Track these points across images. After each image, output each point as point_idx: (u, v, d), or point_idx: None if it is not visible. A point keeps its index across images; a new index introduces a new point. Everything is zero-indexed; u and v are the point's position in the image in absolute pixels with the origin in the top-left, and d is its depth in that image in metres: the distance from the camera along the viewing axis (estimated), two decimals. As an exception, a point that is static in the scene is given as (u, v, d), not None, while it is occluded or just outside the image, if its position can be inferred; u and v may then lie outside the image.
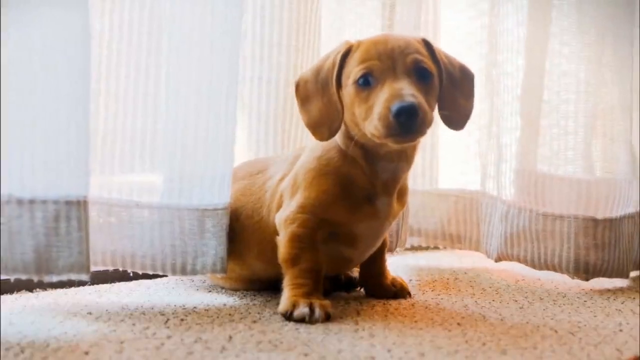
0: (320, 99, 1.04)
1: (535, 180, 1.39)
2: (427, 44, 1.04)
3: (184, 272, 1.09)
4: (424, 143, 1.53)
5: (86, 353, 0.81)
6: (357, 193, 1.05)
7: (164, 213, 1.08)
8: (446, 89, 1.04)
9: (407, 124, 0.93)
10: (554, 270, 1.36)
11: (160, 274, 1.11)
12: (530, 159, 1.39)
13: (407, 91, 0.95)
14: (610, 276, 1.34)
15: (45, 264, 0.93)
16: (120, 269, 1.10)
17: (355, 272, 1.24)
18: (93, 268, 1.14)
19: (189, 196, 1.08)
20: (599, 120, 1.39)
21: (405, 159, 1.06)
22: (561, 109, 1.38)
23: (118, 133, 1.08)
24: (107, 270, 1.20)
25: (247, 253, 1.13)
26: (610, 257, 1.33)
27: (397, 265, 1.48)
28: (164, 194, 1.09)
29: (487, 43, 1.49)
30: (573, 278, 1.35)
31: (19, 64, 0.91)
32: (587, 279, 1.34)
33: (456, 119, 1.07)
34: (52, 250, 0.93)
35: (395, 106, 0.93)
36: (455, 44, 1.55)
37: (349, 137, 1.04)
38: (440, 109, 1.05)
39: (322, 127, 1.04)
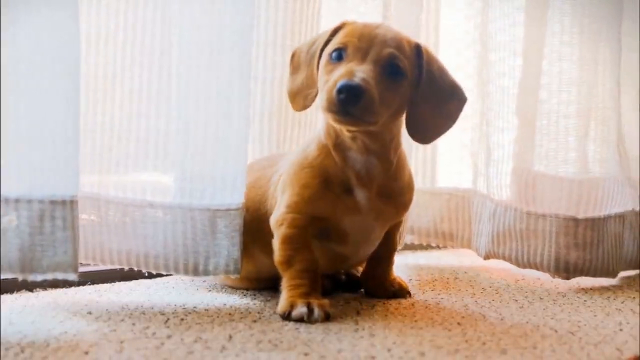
0: (305, 69, 1.06)
1: (528, 179, 1.38)
2: (418, 49, 1.03)
3: (196, 272, 1.09)
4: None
5: (86, 353, 0.81)
6: (335, 185, 1.04)
7: (176, 213, 1.08)
8: (422, 98, 1.03)
9: (347, 103, 0.93)
10: (536, 269, 1.35)
11: (174, 274, 1.11)
12: (527, 158, 1.39)
13: (360, 74, 0.95)
14: (594, 275, 1.33)
15: (29, 263, 0.92)
16: (135, 269, 1.10)
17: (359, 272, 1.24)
18: (108, 267, 1.15)
19: (201, 196, 1.08)
20: (591, 120, 1.39)
21: (374, 154, 1.04)
22: (554, 108, 1.37)
23: (132, 133, 1.09)
24: (107, 269, 1.20)
25: (253, 245, 1.13)
26: (593, 256, 1.32)
27: (396, 265, 1.46)
28: (176, 194, 1.09)
29: (479, 42, 1.49)
30: (554, 277, 1.34)
31: (7, 63, 0.91)
32: (567, 278, 1.33)
33: (422, 131, 1.06)
34: (36, 250, 0.93)
35: (340, 82, 0.93)
36: (455, 42, 1.55)
37: (328, 125, 1.04)
38: (409, 115, 1.04)
39: (299, 96, 1.07)
